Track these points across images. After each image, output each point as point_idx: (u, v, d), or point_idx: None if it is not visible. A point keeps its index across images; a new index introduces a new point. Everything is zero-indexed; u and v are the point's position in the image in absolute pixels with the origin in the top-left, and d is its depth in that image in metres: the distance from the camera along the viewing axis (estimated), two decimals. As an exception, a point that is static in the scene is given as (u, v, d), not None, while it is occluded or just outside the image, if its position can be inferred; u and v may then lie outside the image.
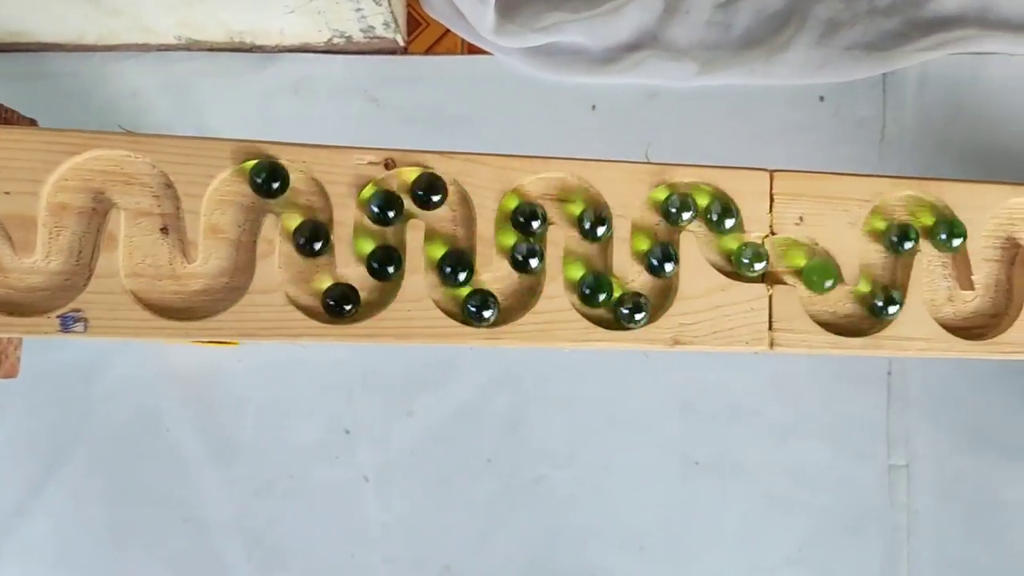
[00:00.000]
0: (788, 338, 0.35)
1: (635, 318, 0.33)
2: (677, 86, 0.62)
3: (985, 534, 0.59)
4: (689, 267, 0.35)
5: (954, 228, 0.35)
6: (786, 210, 0.35)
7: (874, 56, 0.61)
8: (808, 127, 0.62)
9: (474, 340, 0.33)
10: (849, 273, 0.36)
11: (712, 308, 0.34)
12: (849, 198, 0.36)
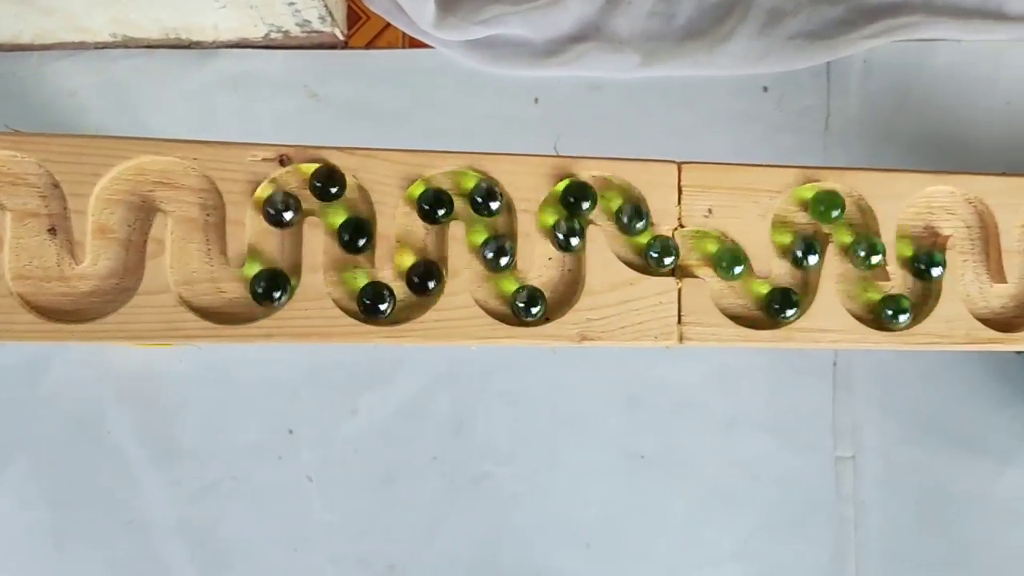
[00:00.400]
0: (697, 332, 0.34)
1: (531, 311, 0.32)
2: (620, 78, 0.62)
3: (932, 524, 0.59)
4: (596, 261, 0.34)
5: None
6: (695, 202, 0.35)
7: (817, 45, 0.60)
8: (752, 118, 0.61)
9: (376, 338, 0.32)
10: (759, 265, 0.35)
11: (620, 303, 0.34)
12: (759, 189, 0.35)
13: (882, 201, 0.36)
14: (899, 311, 0.36)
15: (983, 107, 0.61)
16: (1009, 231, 0.37)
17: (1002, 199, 0.38)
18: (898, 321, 0.36)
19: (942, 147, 0.61)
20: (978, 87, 0.61)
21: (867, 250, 0.36)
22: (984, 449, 0.59)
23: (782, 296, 0.34)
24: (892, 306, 0.36)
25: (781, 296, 0.34)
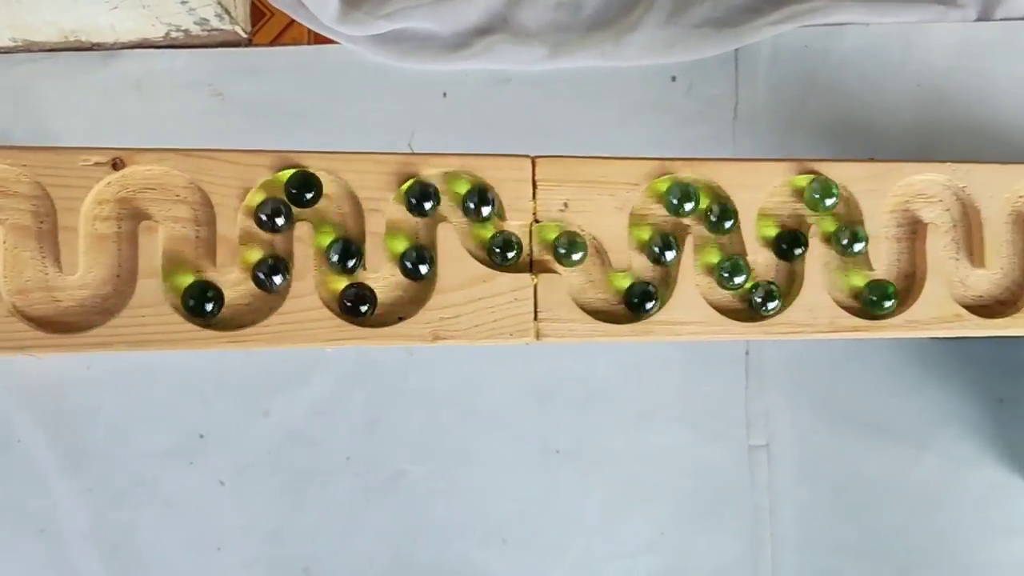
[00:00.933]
0: (554, 328, 0.34)
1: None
2: (528, 70, 0.61)
3: (848, 511, 0.59)
4: (447, 259, 0.33)
5: (725, 211, 0.34)
6: (550, 197, 0.34)
7: (724, 32, 0.60)
8: (660, 108, 0.61)
9: (218, 344, 0.32)
10: (617, 258, 0.35)
11: (473, 301, 0.33)
12: (616, 182, 0.35)
13: (740, 191, 0.36)
14: (769, 298, 0.36)
15: (893, 90, 0.61)
16: (875, 217, 0.37)
17: (867, 185, 0.37)
18: (768, 309, 0.36)
19: (853, 131, 0.61)
20: (888, 70, 0.61)
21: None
22: (899, 435, 0.59)
23: (641, 290, 0.34)
24: (761, 294, 0.35)
25: (640, 290, 0.34)
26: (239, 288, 0.33)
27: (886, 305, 0.36)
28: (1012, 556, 0.58)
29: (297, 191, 0.32)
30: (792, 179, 0.36)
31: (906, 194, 0.38)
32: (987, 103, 0.61)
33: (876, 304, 0.36)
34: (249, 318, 0.32)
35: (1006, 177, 0.38)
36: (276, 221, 0.32)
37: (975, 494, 0.59)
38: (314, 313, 0.32)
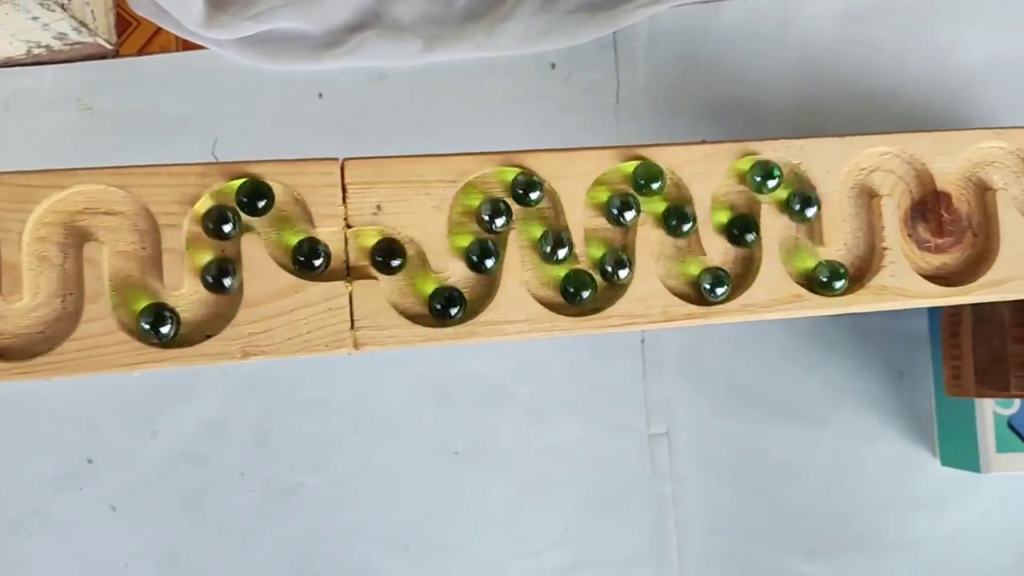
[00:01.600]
0: (373, 335, 0.33)
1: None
2: (404, 66, 0.60)
3: (753, 494, 0.58)
4: (254, 270, 0.32)
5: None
6: (362, 200, 0.33)
7: (599, 17, 0.59)
8: (541, 97, 0.60)
9: (6, 376, 0.30)
10: (436, 261, 0.34)
11: (284, 313, 0.32)
12: (431, 181, 0.34)
13: (565, 182, 0.35)
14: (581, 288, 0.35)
15: (775, 65, 0.60)
16: (705, 200, 0.36)
17: (697, 169, 0.36)
18: (583, 299, 0.35)
19: (736, 109, 0.60)
20: (768, 44, 0.60)
21: (553, 242, 0.34)
22: (800, 414, 0.58)
23: (446, 295, 0.33)
24: (572, 284, 0.34)
25: (445, 295, 0.33)
26: (33, 315, 0.31)
27: (719, 292, 0.35)
28: (918, 529, 0.58)
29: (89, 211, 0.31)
30: (619, 166, 0.35)
31: (740, 175, 0.37)
32: (871, 72, 0.60)
33: (711, 292, 0.35)
34: (42, 347, 0.31)
35: (842, 150, 0.37)
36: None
37: (879, 469, 0.58)
38: (110, 337, 0.31)
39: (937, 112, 0.60)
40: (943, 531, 0.58)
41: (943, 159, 0.38)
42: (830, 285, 0.36)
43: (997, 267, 0.38)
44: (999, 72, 0.60)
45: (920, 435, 0.58)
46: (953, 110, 0.60)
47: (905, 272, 0.37)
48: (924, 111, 0.60)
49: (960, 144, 0.38)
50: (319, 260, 0.32)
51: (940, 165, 0.38)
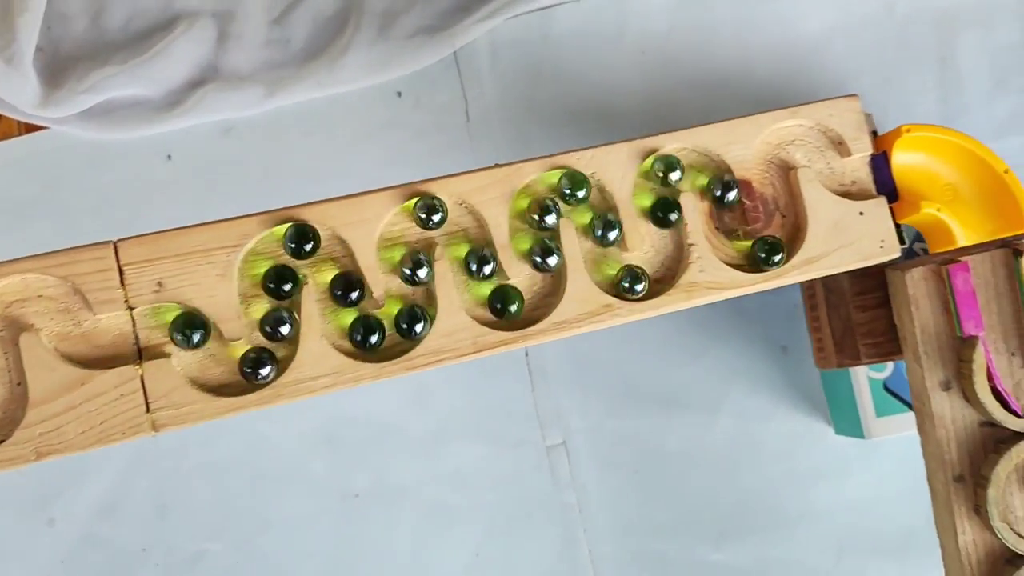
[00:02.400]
0: (171, 415, 0.32)
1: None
2: (249, 115, 0.59)
3: (656, 490, 0.58)
4: (36, 368, 0.32)
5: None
6: (140, 279, 0.32)
7: (437, 38, 0.59)
8: (391, 126, 0.59)
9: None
10: (229, 329, 0.33)
11: (73, 407, 0.32)
12: (213, 248, 0.33)
13: (354, 229, 0.34)
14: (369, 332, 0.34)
15: (618, 62, 0.60)
16: (501, 225, 0.36)
17: (490, 194, 0.36)
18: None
19: (587, 112, 0.60)
20: (608, 43, 0.60)
21: (344, 288, 0.34)
22: (690, 403, 0.59)
23: (252, 358, 0.32)
24: (359, 328, 0.34)
25: (252, 358, 0.32)
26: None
27: (512, 310, 0.35)
28: (822, 500, 0.58)
29: None
30: (405, 205, 0.35)
31: (537, 193, 0.37)
32: (714, 56, 0.60)
33: (504, 311, 0.35)
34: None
35: (627, 154, 0.37)
36: None
37: (776, 446, 0.58)
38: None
39: (785, 85, 0.60)
40: (846, 499, 0.58)
41: (737, 147, 0.38)
42: (632, 290, 0.36)
43: (808, 245, 0.38)
44: (840, 36, 0.60)
45: (812, 407, 0.59)
46: (801, 80, 0.60)
47: (715, 266, 0.37)
48: (773, 86, 0.60)
49: (754, 130, 0.38)
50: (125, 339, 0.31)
51: (736, 154, 0.38)
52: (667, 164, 0.37)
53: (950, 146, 0.41)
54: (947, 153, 0.42)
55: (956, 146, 0.41)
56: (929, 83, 0.60)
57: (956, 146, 0.41)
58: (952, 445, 0.42)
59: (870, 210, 0.39)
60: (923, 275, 0.42)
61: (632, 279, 0.36)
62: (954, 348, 0.42)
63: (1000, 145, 0.60)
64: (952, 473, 0.43)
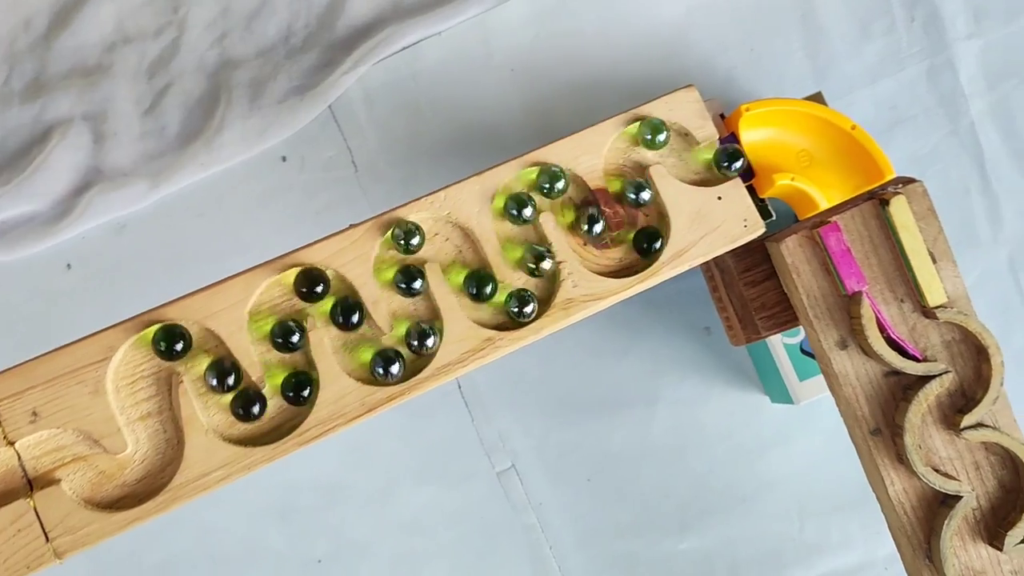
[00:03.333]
0: (71, 540, 0.32)
1: None
2: (139, 209, 0.59)
3: (611, 493, 0.59)
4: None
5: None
6: (15, 412, 0.33)
7: (309, 97, 0.59)
8: (282, 191, 0.60)
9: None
10: (110, 443, 0.33)
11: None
12: (79, 368, 0.33)
13: (221, 317, 0.35)
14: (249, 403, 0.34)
15: (491, 83, 0.61)
16: (368, 284, 0.36)
17: (349, 256, 0.36)
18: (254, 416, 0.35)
19: (471, 139, 0.60)
20: (478, 67, 0.61)
21: (218, 375, 0.34)
22: (628, 400, 0.59)
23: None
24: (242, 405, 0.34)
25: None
26: None
27: (394, 372, 0.35)
28: (773, 469, 0.59)
29: None
30: (279, 277, 0.35)
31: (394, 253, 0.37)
32: (583, 59, 0.61)
33: (385, 374, 0.35)
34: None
35: (483, 187, 0.38)
36: None
37: (719, 425, 0.59)
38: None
39: (657, 74, 0.61)
40: (795, 464, 0.59)
41: (587, 158, 0.39)
42: (522, 313, 0.36)
43: (675, 239, 0.39)
44: (700, 15, 0.61)
45: (745, 381, 0.59)
46: (672, 65, 0.61)
47: (587, 279, 0.38)
48: (645, 77, 0.61)
49: (600, 138, 0.39)
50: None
51: (586, 165, 0.39)
52: (518, 201, 0.37)
53: (793, 115, 0.42)
54: (792, 122, 0.42)
55: (799, 114, 0.42)
56: (795, 43, 0.61)
57: (799, 114, 0.42)
58: (862, 401, 0.43)
59: (728, 193, 0.40)
60: (797, 242, 0.42)
61: (520, 303, 0.37)
62: (843, 307, 0.43)
63: (876, 89, 0.61)
64: (868, 428, 0.43)
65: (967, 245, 0.61)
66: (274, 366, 0.35)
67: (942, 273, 0.42)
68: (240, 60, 0.60)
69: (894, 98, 0.61)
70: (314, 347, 0.35)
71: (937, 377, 0.42)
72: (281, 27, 0.60)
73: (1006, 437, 0.43)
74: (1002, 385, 0.42)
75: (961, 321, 0.42)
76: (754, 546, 0.58)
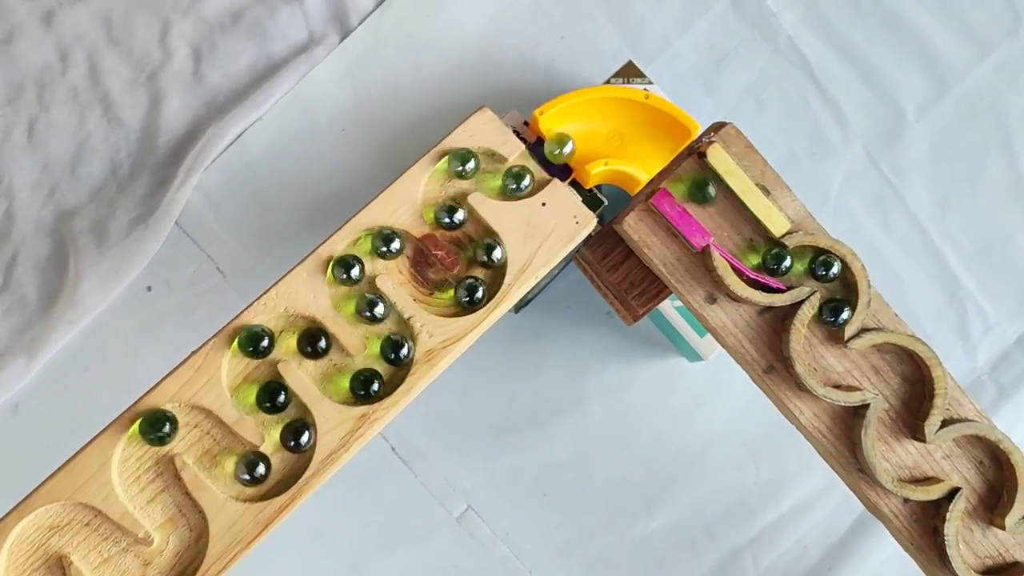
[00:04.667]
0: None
1: None
2: (25, 385, 0.58)
3: (570, 499, 0.59)
4: None
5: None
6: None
7: (152, 222, 0.58)
8: (158, 319, 0.59)
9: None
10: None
11: None
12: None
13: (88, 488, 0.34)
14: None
15: (327, 149, 0.61)
16: (220, 399, 0.36)
17: (198, 383, 0.36)
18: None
19: (323, 204, 0.60)
20: (308, 137, 0.61)
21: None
22: (556, 408, 0.59)
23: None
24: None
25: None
26: None
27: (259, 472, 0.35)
28: (712, 424, 0.59)
29: None
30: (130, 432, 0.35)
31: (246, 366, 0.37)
32: (406, 99, 0.61)
33: (251, 480, 0.35)
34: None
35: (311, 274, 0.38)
36: None
37: (650, 399, 0.59)
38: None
39: (480, 88, 0.61)
40: (732, 412, 0.59)
41: (403, 209, 0.39)
42: (399, 359, 0.36)
43: (513, 257, 0.39)
44: (506, 19, 0.61)
45: (661, 350, 0.60)
46: (492, 75, 0.62)
47: (440, 325, 0.38)
48: (471, 95, 0.61)
49: (411, 185, 0.39)
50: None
51: (406, 215, 0.39)
52: (345, 265, 0.37)
53: (587, 103, 0.42)
54: (590, 110, 0.43)
55: (592, 100, 0.42)
56: (600, 19, 0.62)
57: (592, 100, 0.42)
58: (747, 345, 0.44)
59: (550, 196, 0.40)
60: (637, 218, 0.43)
61: (393, 348, 0.37)
62: (699, 264, 0.43)
63: (690, 36, 0.62)
64: (761, 368, 0.44)
65: (825, 153, 0.62)
66: (160, 524, 0.35)
67: (779, 202, 0.43)
68: (75, 208, 0.59)
69: (710, 38, 0.62)
70: (189, 484, 0.35)
71: (806, 300, 0.43)
72: (105, 164, 0.60)
73: (892, 334, 0.43)
74: (870, 287, 0.43)
75: (810, 242, 0.43)
76: (720, 501, 0.59)
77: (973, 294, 0.61)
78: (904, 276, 0.61)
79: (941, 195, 0.62)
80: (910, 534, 0.44)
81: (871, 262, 0.61)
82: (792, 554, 0.58)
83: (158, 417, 0.34)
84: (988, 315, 0.61)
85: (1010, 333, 0.61)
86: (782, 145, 0.62)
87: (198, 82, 0.61)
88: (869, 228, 0.61)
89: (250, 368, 0.37)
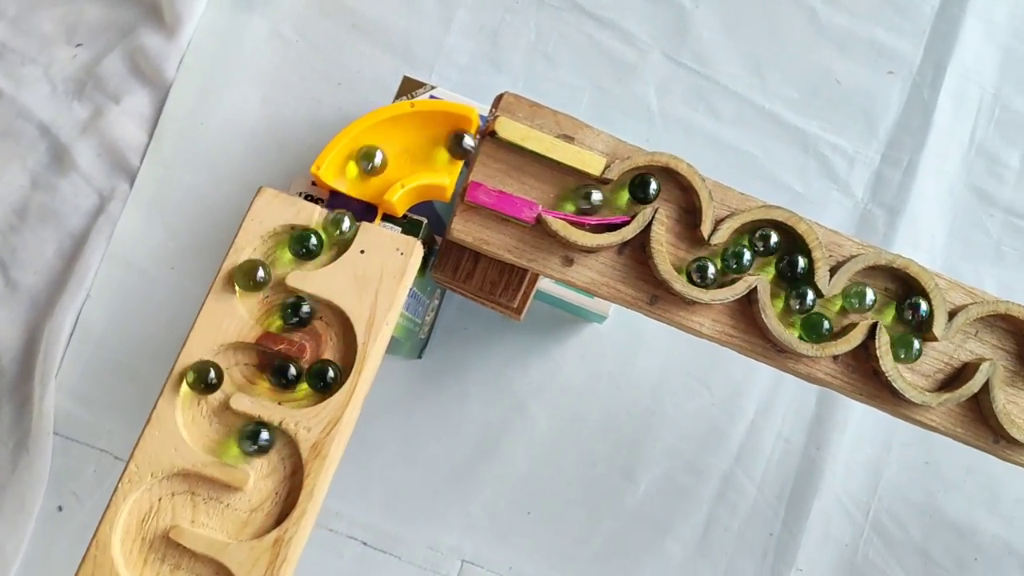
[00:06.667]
0: None
1: None
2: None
3: (553, 506, 0.57)
4: None
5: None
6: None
7: (32, 445, 0.56)
8: (80, 537, 0.55)
9: None
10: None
11: None
12: None
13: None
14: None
15: (166, 293, 0.58)
16: None
17: None
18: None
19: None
20: (142, 291, 0.58)
21: None
22: (501, 426, 0.58)
23: None
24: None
25: None
26: None
27: None
28: (650, 367, 0.58)
29: None
30: None
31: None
32: (229, 210, 0.59)
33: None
34: None
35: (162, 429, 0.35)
36: None
37: (580, 375, 0.58)
38: None
39: (282, 167, 0.60)
40: (663, 351, 0.59)
41: (229, 322, 0.37)
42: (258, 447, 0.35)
43: (357, 319, 0.37)
44: (279, 98, 0.60)
45: (570, 325, 0.59)
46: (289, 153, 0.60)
47: (313, 415, 0.36)
48: (278, 176, 0.60)
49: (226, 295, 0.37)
50: None
51: (233, 329, 0.37)
52: (202, 380, 0.35)
53: (358, 138, 0.41)
54: (366, 139, 0.41)
55: (361, 133, 0.41)
56: (366, 50, 0.61)
57: (361, 133, 0.41)
58: (622, 287, 0.42)
59: (365, 240, 0.39)
60: (462, 220, 0.42)
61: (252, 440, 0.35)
62: (541, 235, 0.42)
63: (454, 27, 0.62)
64: (646, 301, 0.43)
65: (628, 74, 0.62)
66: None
67: (586, 142, 0.42)
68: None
69: (476, 21, 0.62)
70: None
71: (654, 220, 0.42)
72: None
73: (745, 213, 0.43)
74: (704, 180, 0.42)
75: (629, 165, 0.42)
76: (690, 437, 0.58)
77: (823, 136, 0.62)
78: (754, 151, 0.61)
79: (751, 62, 0.62)
80: (855, 386, 0.43)
81: (715, 151, 0.62)
82: (778, 451, 0.58)
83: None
84: (845, 148, 0.62)
85: (872, 154, 0.62)
86: (588, 85, 0.61)
87: (13, 291, 0.58)
88: (701, 122, 0.61)
89: (145, 548, 0.34)
